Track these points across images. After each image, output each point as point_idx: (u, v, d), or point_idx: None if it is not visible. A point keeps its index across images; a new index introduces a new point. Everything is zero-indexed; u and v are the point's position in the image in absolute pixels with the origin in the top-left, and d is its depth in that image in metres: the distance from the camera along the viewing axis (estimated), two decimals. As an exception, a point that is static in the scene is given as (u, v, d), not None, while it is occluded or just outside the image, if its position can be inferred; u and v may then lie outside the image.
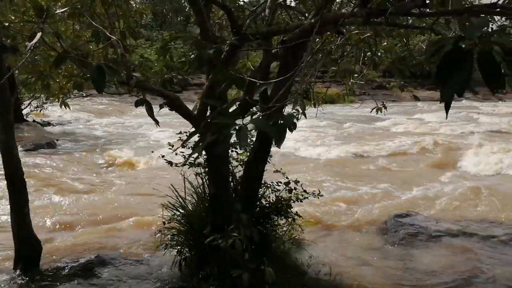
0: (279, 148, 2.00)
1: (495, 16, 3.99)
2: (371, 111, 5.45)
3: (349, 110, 24.34)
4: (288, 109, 4.94)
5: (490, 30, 4.31)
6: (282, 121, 1.86)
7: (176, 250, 4.74)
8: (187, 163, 4.82)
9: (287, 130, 1.87)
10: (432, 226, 6.44)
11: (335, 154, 12.32)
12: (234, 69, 3.68)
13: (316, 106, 5.80)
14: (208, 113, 3.86)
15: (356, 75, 6.31)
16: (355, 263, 5.46)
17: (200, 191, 4.74)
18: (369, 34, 4.96)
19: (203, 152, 4.23)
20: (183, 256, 4.71)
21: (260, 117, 1.93)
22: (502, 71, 1.48)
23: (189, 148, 4.44)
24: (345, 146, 13.27)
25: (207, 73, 3.64)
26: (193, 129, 3.41)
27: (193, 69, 4.41)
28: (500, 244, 6.00)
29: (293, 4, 5.32)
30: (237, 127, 1.76)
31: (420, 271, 5.22)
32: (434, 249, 5.88)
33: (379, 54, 5.33)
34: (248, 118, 1.86)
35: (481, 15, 3.41)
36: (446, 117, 2.05)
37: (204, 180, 4.72)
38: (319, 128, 17.12)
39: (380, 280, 4.98)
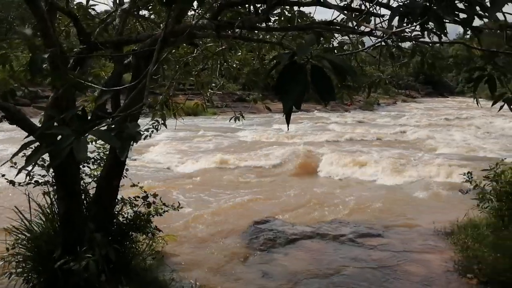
0: (122, 159, 1.89)
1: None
2: (229, 120, 5.72)
3: (212, 122, 24.77)
4: (147, 120, 4.84)
5: (331, 45, 4.71)
6: (125, 131, 1.76)
7: (23, 278, 4.28)
8: (33, 181, 4.41)
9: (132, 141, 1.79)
10: (289, 230, 6.79)
11: (198, 166, 12.38)
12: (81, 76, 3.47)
13: (177, 117, 5.78)
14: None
15: (214, 85, 6.42)
16: (218, 273, 5.49)
17: (48, 211, 4.36)
18: (224, 47, 5.08)
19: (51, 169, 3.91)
20: (31, 284, 4.26)
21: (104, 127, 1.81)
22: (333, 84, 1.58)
23: (36, 165, 4.05)
24: (207, 157, 13.38)
25: (50, 81, 3.38)
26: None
27: (27, 76, 4.06)
28: (349, 242, 6.55)
29: (147, 14, 5.23)
30: (74, 138, 1.63)
31: (279, 276, 5.43)
32: (292, 252, 6.19)
33: (234, 65, 5.49)
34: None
35: (322, 32, 3.72)
36: (288, 129, 2.16)
37: (53, 199, 4.35)
38: (181, 140, 17.06)
39: (242, 288, 5.08)
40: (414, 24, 2.01)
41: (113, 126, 1.72)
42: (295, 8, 4.09)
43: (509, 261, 4.82)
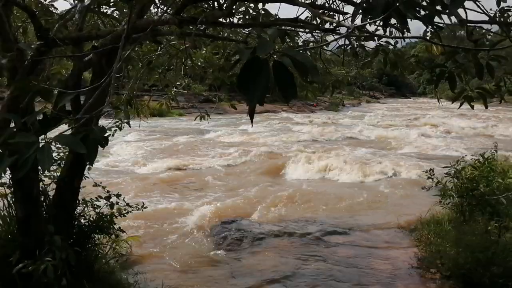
0: (92, 165, 1.80)
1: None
2: (195, 119, 5.70)
3: (178, 123, 24.54)
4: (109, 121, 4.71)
5: (296, 44, 4.71)
6: (91, 136, 1.67)
7: (-23, 285, 4.10)
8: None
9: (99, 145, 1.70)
10: (256, 229, 6.78)
11: (163, 167, 12.19)
12: (42, 77, 3.34)
13: (141, 117, 5.66)
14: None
15: (179, 83, 6.33)
16: (185, 273, 5.43)
17: (5, 214, 4.18)
18: (188, 45, 5.00)
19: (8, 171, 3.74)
20: (-14, 291, 4.08)
21: (68, 132, 1.72)
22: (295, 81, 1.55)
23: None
24: (173, 158, 13.23)
25: (8, 82, 3.23)
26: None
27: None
28: (315, 240, 6.60)
29: (109, 11, 5.10)
30: (39, 146, 1.53)
31: (247, 274, 5.42)
32: (260, 251, 6.18)
33: (199, 64, 5.42)
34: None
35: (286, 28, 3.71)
36: (252, 125, 2.12)
37: (10, 202, 4.18)
38: (148, 141, 16.79)
39: (209, 288, 5.03)
40: (377, 19, 2.02)
41: (78, 129, 1.63)
42: (260, 6, 4.07)
43: (470, 255, 4.94)
